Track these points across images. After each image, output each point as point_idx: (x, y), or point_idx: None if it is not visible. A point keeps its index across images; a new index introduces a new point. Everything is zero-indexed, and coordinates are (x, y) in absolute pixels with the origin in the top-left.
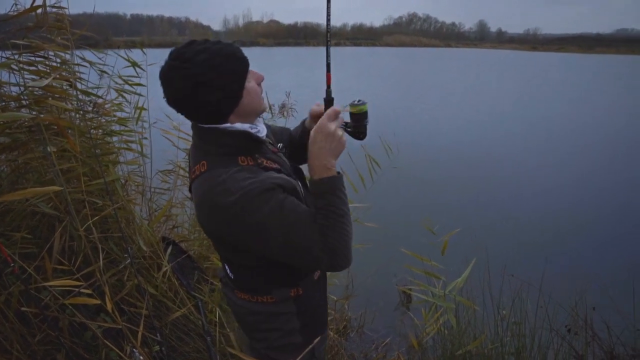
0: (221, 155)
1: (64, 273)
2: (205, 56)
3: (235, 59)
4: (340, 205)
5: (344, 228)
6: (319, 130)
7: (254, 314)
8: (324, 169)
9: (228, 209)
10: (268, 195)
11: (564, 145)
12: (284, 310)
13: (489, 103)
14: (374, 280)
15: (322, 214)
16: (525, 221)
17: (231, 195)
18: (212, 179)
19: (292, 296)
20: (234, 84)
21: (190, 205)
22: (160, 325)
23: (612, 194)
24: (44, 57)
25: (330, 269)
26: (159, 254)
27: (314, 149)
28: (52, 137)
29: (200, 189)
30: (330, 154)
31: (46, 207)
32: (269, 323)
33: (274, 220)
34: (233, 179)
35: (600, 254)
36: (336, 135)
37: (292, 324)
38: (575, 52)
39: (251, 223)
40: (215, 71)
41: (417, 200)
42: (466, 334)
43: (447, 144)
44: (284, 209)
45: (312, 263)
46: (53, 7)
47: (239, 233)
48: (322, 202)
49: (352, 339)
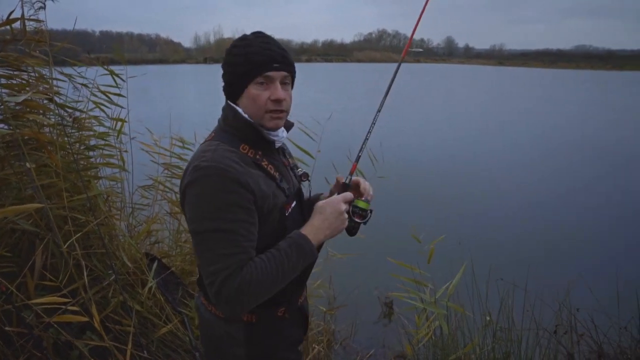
0: (228, 134)
1: (46, 291)
2: (236, 43)
3: (244, 57)
4: (291, 267)
5: (272, 281)
6: (331, 204)
7: (206, 323)
8: (315, 238)
9: (196, 171)
10: (234, 187)
11: (542, 153)
12: (231, 333)
13: (464, 115)
14: (357, 292)
15: (273, 254)
16: (508, 228)
17: (205, 161)
18: (206, 146)
19: (244, 320)
20: (232, 77)
21: (171, 220)
22: (146, 342)
23: (590, 196)
24: (21, 71)
25: (215, 297)
26: (143, 269)
27: (318, 218)
28: (31, 152)
29: (195, 152)
30: (330, 228)
31: (26, 224)
32: (217, 341)
33: (220, 210)
34: (217, 152)
35: (583, 256)
36: (343, 216)
37: (237, 352)
38: (538, 66)
39: (202, 193)
40: (229, 57)
41: (401, 211)
42: (455, 340)
43: (426, 157)
44: (232, 212)
45: (208, 279)
46: (31, 20)
47: (189, 197)
48: (287, 249)
49: (337, 352)
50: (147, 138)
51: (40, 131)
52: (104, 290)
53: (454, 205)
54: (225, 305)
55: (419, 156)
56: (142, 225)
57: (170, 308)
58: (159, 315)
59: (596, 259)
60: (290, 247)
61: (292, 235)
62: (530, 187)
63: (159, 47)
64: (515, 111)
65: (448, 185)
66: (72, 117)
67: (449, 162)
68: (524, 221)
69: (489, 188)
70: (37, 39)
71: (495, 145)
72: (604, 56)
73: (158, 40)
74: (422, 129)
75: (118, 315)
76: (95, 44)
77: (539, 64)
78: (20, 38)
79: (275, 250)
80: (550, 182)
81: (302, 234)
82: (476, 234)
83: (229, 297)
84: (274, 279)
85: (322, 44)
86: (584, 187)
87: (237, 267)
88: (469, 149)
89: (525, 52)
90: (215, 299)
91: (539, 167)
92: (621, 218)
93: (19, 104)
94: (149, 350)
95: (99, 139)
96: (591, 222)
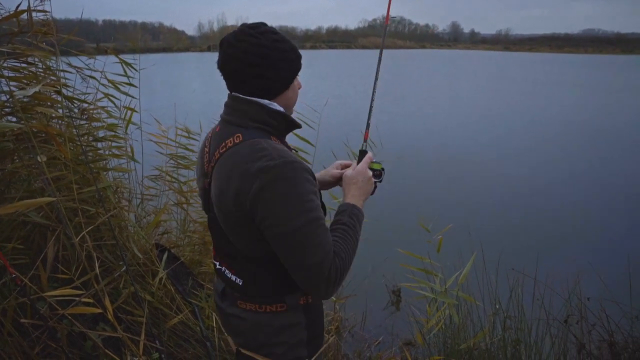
0: (257, 130)
1: (59, 283)
2: (276, 37)
3: (295, 54)
4: (358, 236)
5: (353, 252)
6: (361, 173)
7: (259, 327)
8: (360, 204)
9: (266, 172)
10: (306, 176)
11: (554, 142)
12: (293, 321)
13: (471, 101)
14: (365, 281)
15: (343, 229)
16: (517, 216)
17: (272, 160)
18: (252, 145)
19: (301, 304)
20: (288, 72)
21: (178, 211)
22: (158, 332)
23: (601, 185)
24: (29, 64)
25: (325, 284)
26: (154, 260)
27: (354, 187)
28: (40, 144)
29: (234, 156)
30: (365, 194)
31: (37, 216)
32: (274, 336)
33: (305, 202)
34: (275, 148)
35: (594, 245)
36: (372, 180)
37: (300, 336)
38: (546, 51)
39: (283, 193)
40: (280, 53)
41: (408, 199)
42: (465, 329)
43: (432, 144)
44: (314, 201)
45: (312, 270)
46: (38, 11)
47: (267, 200)
48: (350, 220)
49: (345, 339)
50: (154, 128)
51: (48, 124)
52: (115, 282)
53: (462, 192)
54: (333, 288)
55: (425, 143)
56: (150, 216)
57: (181, 298)
58: (169, 306)
59: (607, 246)
60: (351, 218)
61: (345, 208)
62: (539, 173)
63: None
64: (522, 96)
65: (455, 172)
66: (81, 109)
67: (455, 149)
68: (533, 208)
69: (497, 175)
70: (44, 30)
71: (503, 131)
72: (613, 40)
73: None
74: (427, 115)
75: (129, 306)
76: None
77: (546, 48)
78: (27, 30)
79: (342, 225)
80: (559, 168)
81: (352, 205)
82: (485, 222)
83: (336, 279)
84: (353, 250)
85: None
86: (594, 172)
87: (332, 248)
88: (476, 136)
89: (532, 37)
90: (325, 286)
91: (547, 153)
92: (633, 204)
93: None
94: (161, 341)
95: (108, 130)
96: (602, 208)
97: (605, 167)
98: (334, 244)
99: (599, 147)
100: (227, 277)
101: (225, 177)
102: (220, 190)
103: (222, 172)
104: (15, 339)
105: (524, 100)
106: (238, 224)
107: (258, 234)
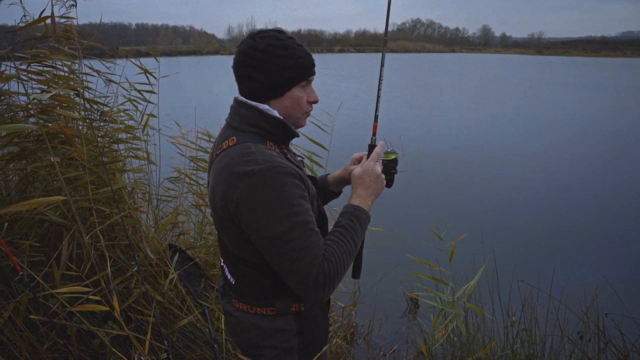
0: (253, 134)
1: (70, 281)
2: (274, 42)
3: (293, 61)
4: (359, 239)
5: (349, 256)
6: (367, 172)
7: (251, 328)
8: (365, 205)
9: (250, 176)
10: (293, 181)
11: (571, 149)
12: (283, 327)
13: (495, 107)
14: (381, 287)
15: (340, 232)
16: (533, 226)
17: (257, 165)
18: (241, 149)
19: (293, 311)
20: (279, 77)
21: (196, 212)
22: (167, 333)
23: (621, 196)
24: (51, 67)
25: (314, 288)
26: (166, 261)
27: (360, 187)
28: (59, 145)
29: (225, 158)
30: (374, 193)
31: (53, 215)
32: (264, 339)
33: (290, 206)
34: (262, 152)
35: (610, 258)
36: (381, 178)
37: (291, 343)
38: (580, 55)
39: (267, 197)
40: (270, 56)
41: (424, 205)
42: (475, 341)
43: (454, 149)
44: (301, 205)
45: (299, 275)
46: (61, 17)
47: (251, 205)
48: (350, 223)
49: (360, 346)
50: (175, 132)
51: (67, 125)
52: (126, 281)
53: (477, 198)
54: (322, 292)
55: (441, 148)
56: (168, 217)
57: (191, 299)
58: (180, 307)
59: (625, 261)
60: (352, 221)
61: (347, 210)
62: (557, 181)
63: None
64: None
65: (471, 179)
66: (100, 111)
67: (473, 154)
68: (550, 217)
69: (514, 182)
70: (66, 36)
71: (529, 140)
72: None
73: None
74: (450, 121)
75: (140, 306)
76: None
77: (581, 52)
78: (50, 35)
79: (339, 227)
80: (580, 178)
81: (355, 206)
82: (499, 230)
83: (325, 282)
84: (350, 253)
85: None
86: (620, 183)
87: (321, 252)
88: (499, 142)
89: (566, 41)
90: (314, 290)
91: (575, 165)
92: None
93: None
94: (169, 341)
95: (127, 132)
96: (621, 222)
97: (629, 175)
98: (325, 247)
99: (623, 156)
100: (225, 274)
101: (216, 180)
102: (212, 193)
103: (214, 174)
104: (25, 334)
105: (550, 106)
106: (227, 226)
107: (246, 236)
